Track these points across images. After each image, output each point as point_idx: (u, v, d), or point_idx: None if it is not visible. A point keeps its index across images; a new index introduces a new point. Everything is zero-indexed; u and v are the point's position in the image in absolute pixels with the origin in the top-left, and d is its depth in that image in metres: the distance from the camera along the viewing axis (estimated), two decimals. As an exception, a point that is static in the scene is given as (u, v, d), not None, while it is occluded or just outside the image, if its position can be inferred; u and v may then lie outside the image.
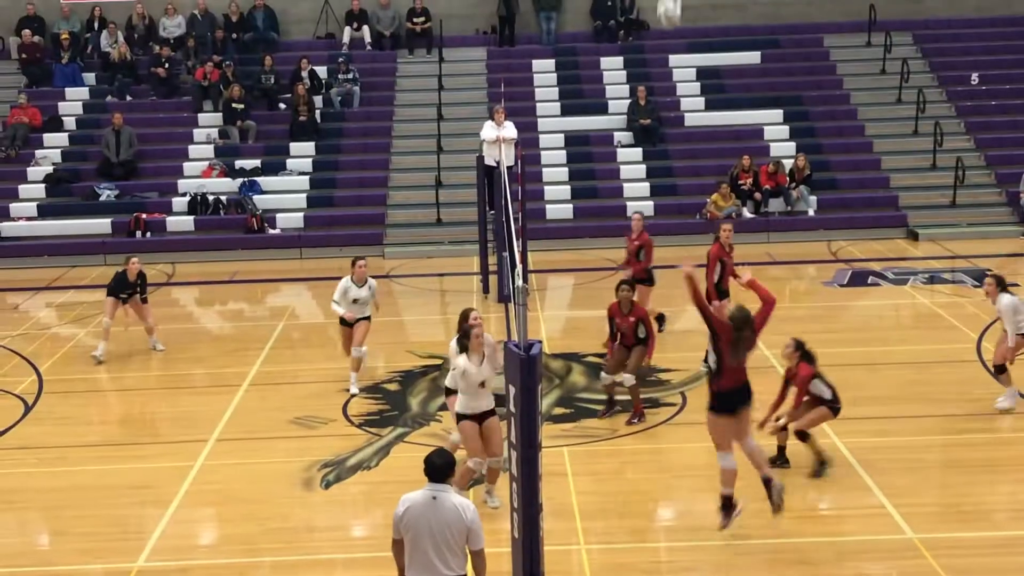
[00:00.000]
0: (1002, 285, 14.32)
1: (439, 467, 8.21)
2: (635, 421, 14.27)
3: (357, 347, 15.81)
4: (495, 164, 20.39)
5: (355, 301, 15.92)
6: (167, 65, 29.27)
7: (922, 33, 30.71)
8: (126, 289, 17.87)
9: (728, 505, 11.00)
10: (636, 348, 14.12)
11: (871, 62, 29.85)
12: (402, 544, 8.28)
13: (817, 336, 16.60)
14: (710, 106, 28.97)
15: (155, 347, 18.21)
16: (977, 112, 28.61)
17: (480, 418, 11.58)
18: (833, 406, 12.64)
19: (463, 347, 11.57)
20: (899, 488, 12.07)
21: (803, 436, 12.66)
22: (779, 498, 11.03)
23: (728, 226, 16.69)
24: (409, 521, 8.16)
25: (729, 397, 10.92)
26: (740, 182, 25.97)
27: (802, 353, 12.71)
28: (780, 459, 12.72)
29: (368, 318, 16.04)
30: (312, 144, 27.93)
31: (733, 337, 10.86)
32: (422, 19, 30.54)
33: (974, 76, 29.32)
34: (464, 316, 12.09)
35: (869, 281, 21.51)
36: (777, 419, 12.67)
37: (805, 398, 12.70)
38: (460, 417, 11.67)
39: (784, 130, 28.15)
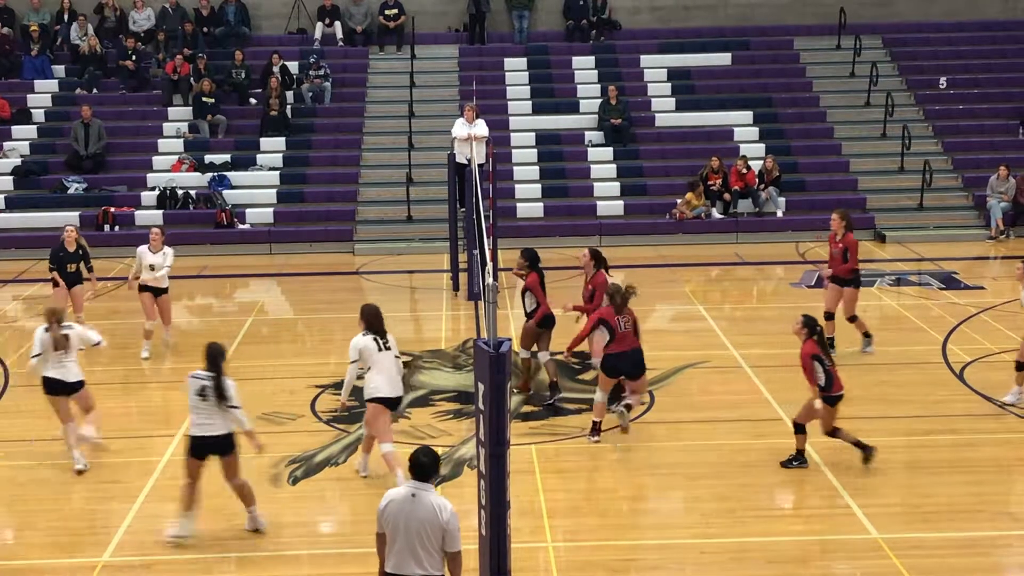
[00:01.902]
0: None
1: (424, 465, 8.25)
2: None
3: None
4: (466, 162, 20.40)
5: (151, 267, 17.08)
6: (135, 58, 29.13)
7: (892, 37, 30.91)
8: (67, 262, 17.53)
9: None
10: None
11: (841, 65, 30.04)
12: (384, 538, 8.31)
13: (784, 337, 16.71)
14: (681, 107, 29.07)
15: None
16: (945, 116, 28.83)
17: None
18: (827, 395, 12.48)
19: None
20: (864, 488, 12.16)
21: (832, 433, 12.65)
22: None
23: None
24: (389, 516, 8.20)
25: None
26: (710, 183, 26.07)
27: (809, 330, 12.43)
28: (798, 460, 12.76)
29: (166, 290, 17.44)
30: (283, 139, 27.87)
31: None
32: (394, 12, 30.50)
33: (942, 80, 29.55)
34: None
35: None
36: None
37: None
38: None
39: (754, 132, 28.28)
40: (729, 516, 11.62)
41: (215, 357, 11.25)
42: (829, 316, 16.64)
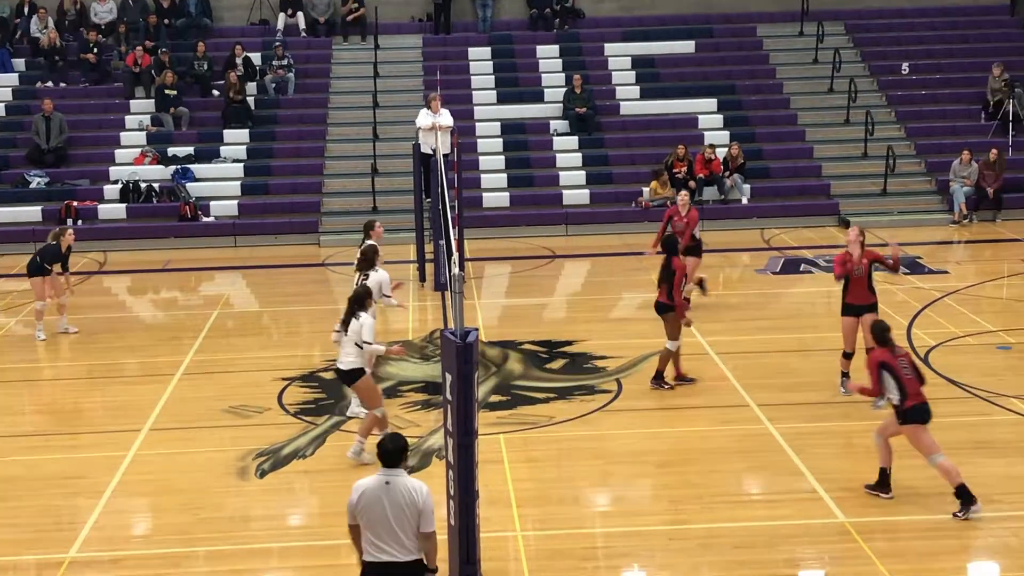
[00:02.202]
0: None
1: (391, 451, 8.23)
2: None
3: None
4: (431, 152, 20.36)
5: None
6: (96, 51, 28.90)
7: (854, 23, 31.03)
8: (57, 261, 17.90)
9: None
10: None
11: (803, 51, 30.15)
12: (359, 528, 8.29)
13: (750, 324, 16.84)
14: (645, 95, 29.10)
15: (67, 330, 18.24)
16: (908, 102, 28.98)
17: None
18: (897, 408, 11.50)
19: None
20: (831, 473, 12.22)
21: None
22: None
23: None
24: (364, 506, 8.18)
25: None
26: (675, 171, 26.11)
27: (877, 336, 11.75)
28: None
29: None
30: (246, 131, 27.73)
31: None
32: (356, 5, 30.40)
33: (905, 66, 29.68)
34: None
35: (801, 269, 21.73)
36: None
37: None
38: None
39: (718, 119, 28.34)
40: (697, 502, 11.66)
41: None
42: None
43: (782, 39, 30.67)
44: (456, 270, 8.90)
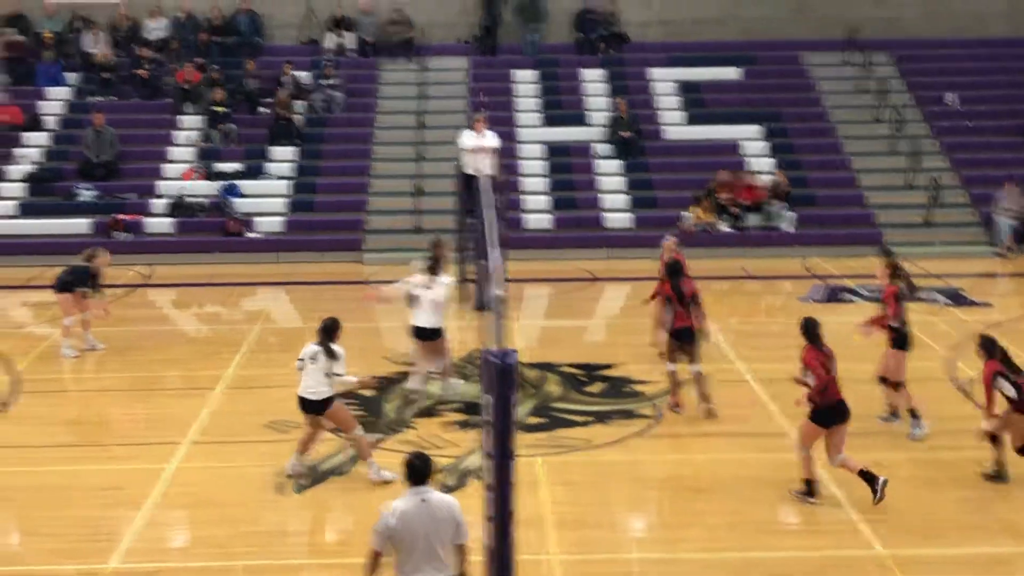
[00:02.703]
0: None
1: (421, 469, 8.30)
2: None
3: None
4: (475, 173, 20.44)
5: None
6: (149, 67, 29.23)
7: (900, 53, 30.95)
8: (83, 285, 17.85)
9: None
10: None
11: (850, 80, 30.09)
12: (380, 557, 8.30)
13: (791, 352, 16.72)
14: (690, 120, 29.13)
15: (94, 347, 18.19)
16: (953, 132, 28.84)
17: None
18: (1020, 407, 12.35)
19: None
20: (870, 503, 12.14)
21: (994, 438, 12.67)
22: None
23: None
24: (404, 529, 8.19)
25: None
26: (718, 196, 26.09)
27: (986, 349, 12.48)
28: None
29: None
30: (293, 149, 27.95)
31: None
32: (403, 27, 30.59)
33: (951, 96, 29.55)
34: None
35: (843, 298, 21.64)
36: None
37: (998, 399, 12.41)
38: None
39: (763, 146, 28.32)
40: (734, 531, 11.63)
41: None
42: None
43: (828, 68, 30.63)
44: (498, 291, 8.93)
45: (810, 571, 10.81)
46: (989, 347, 12.58)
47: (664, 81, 30.10)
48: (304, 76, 29.54)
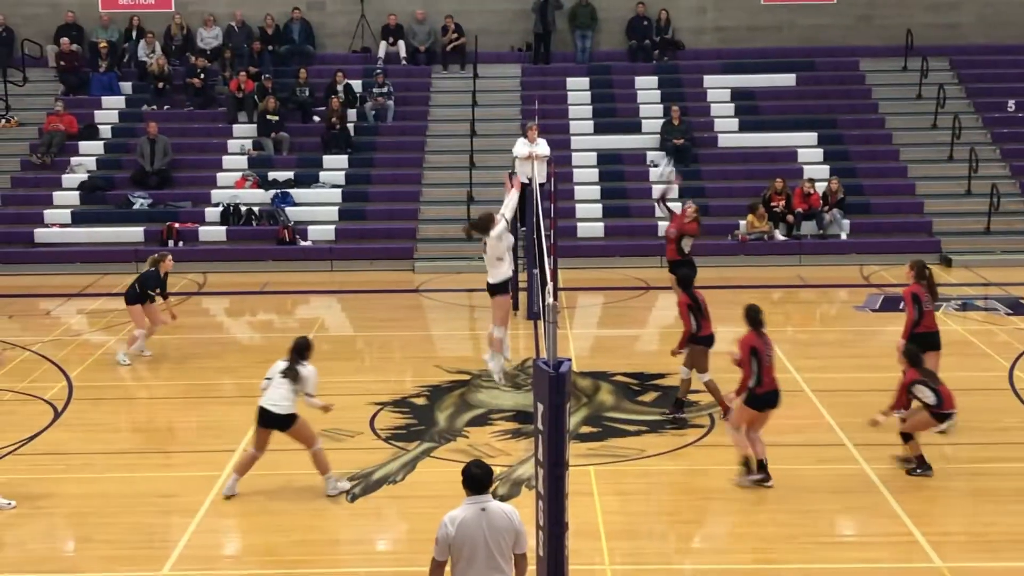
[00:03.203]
0: None
1: (480, 477, 8.25)
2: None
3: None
4: (527, 181, 20.37)
5: None
6: (202, 76, 29.44)
7: (959, 59, 30.60)
8: (157, 287, 17.89)
9: None
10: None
11: (907, 87, 29.78)
12: (443, 566, 8.29)
13: (847, 361, 16.59)
14: (744, 127, 28.93)
15: (142, 351, 18.23)
16: (1013, 139, 28.47)
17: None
18: (937, 412, 12.85)
19: None
20: (928, 516, 11.97)
21: (905, 437, 13.06)
22: None
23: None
24: (463, 537, 8.16)
25: None
26: (773, 204, 25.89)
27: (910, 360, 12.99)
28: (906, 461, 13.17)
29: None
30: (345, 157, 28.03)
31: None
32: (455, 36, 30.63)
33: (1011, 103, 29.20)
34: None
35: (901, 307, 21.30)
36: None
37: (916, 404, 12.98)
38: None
39: (818, 153, 28.07)
40: (790, 542, 11.48)
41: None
42: None
43: (885, 74, 30.32)
44: (550, 300, 8.86)
45: (868, 584, 10.65)
46: (913, 358, 12.97)
47: (718, 88, 29.91)
48: (356, 85, 29.61)
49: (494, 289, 16.23)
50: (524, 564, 8.40)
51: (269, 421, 12.57)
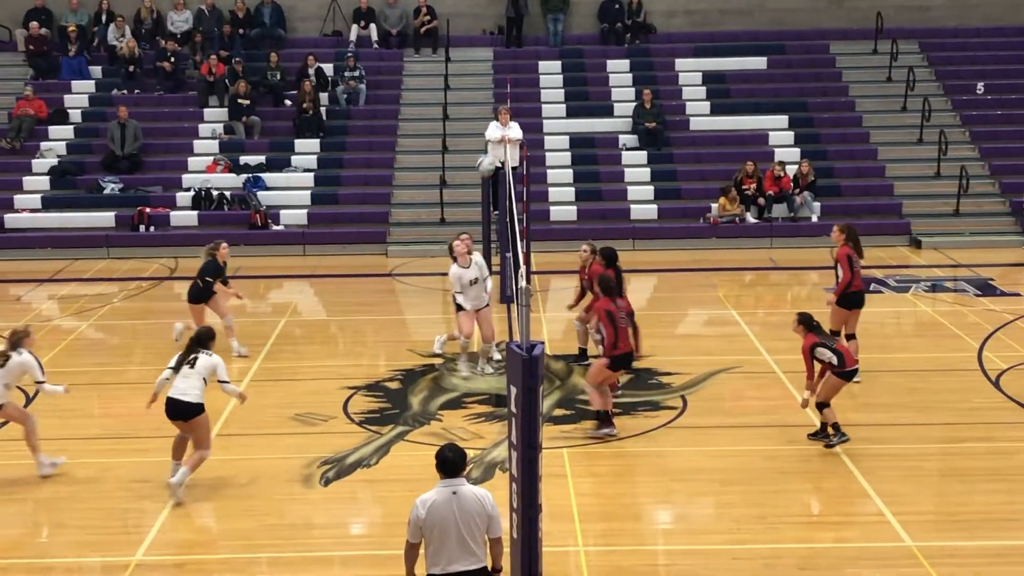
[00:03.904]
0: None
1: (453, 460, 8.27)
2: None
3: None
4: (500, 165, 20.38)
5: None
6: (173, 60, 29.29)
7: (929, 42, 30.75)
8: (219, 275, 17.23)
9: None
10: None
11: (877, 70, 29.91)
12: (417, 548, 8.33)
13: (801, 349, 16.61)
14: (715, 111, 29.00)
15: (240, 353, 17.31)
16: (982, 121, 28.63)
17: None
18: (841, 372, 13.05)
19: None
20: (898, 496, 12.07)
21: (820, 406, 13.29)
22: None
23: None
24: (434, 520, 8.19)
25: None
26: (744, 187, 25.98)
27: (806, 325, 13.28)
28: (823, 433, 13.44)
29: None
30: (317, 141, 27.96)
31: None
32: (427, 19, 30.57)
33: (980, 86, 29.36)
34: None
35: (871, 288, 21.44)
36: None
37: (819, 368, 13.25)
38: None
39: (789, 136, 28.17)
40: (761, 522, 11.56)
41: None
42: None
43: (855, 57, 30.44)
44: (523, 283, 8.88)
45: (838, 563, 10.73)
46: (808, 322, 13.28)
47: (690, 72, 29.96)
48: (328, 68, 29.52)
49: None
50: (499, 548, 8.44)
51: (176, 411, 12.29)
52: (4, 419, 13.13)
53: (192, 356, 12.36)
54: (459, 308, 16.32)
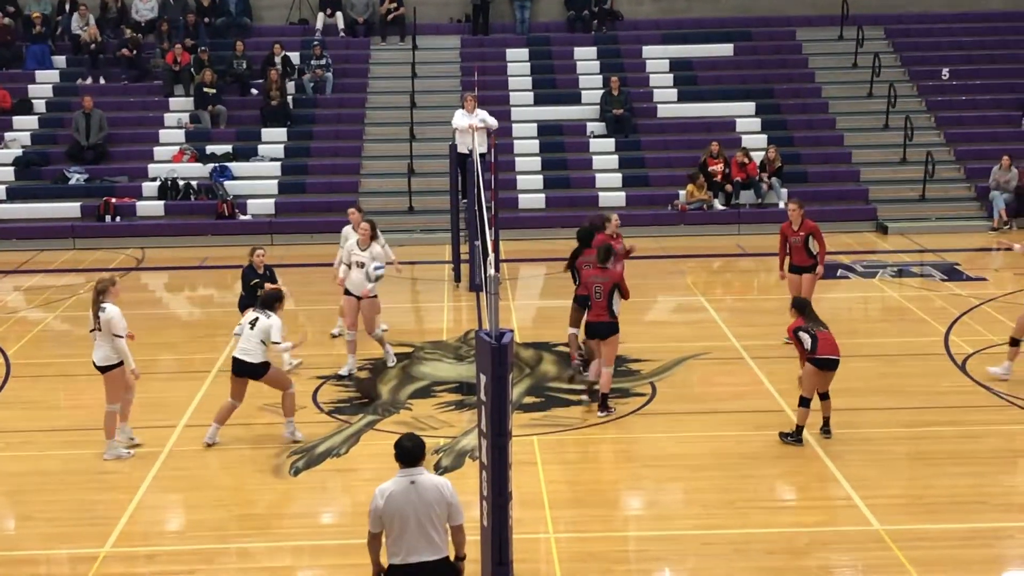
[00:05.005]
0: None
1: (411, 450, 8.21)
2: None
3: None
4: (467, 152, 20.36)
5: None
6: (135, 49, 29.08)
7: (894, 28, 30.89)
8: (256, 279, 16.27)
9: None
10: None
11: (843, 56, 30.02)
12: (379, 537, 8.29)
13: (785, 328, 16.71)
14: (682, 97, 29.03)
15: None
16: (947, 107, 28.79)
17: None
18: (812, 358, 12.99)
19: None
20: (866, 480, 12.15)
21: (801, 402, 13.22)
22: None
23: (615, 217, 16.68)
24: (393, 510, 8.13)
25: None
26: (709, 168, 26.04)
27: (797, 308, 13.39)
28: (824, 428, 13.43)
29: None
30: (284, 130, 27.84)
31: None
32: (394, 6, 30.49)
33: (945, 71, 29.51)
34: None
35: (838, 274, 21.59)
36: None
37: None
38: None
39: (756, 122, 28.25)
40: (730, 507, 11.61)
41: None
42: None
43: (821, 43, 30.54)
44: (492, 271, 8.88)
45: (806, 547, 10.79)
46: (799, 306, 13.43)
47: (657, 59, 29.99)
48: (294, 57, 29.40)
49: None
50: (461, 536, 8.40)
51: (245, 370, 13.19)
52: None
53: (255, 317, 13.26)
54: (346, 292, 16.15)
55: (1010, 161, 25.70)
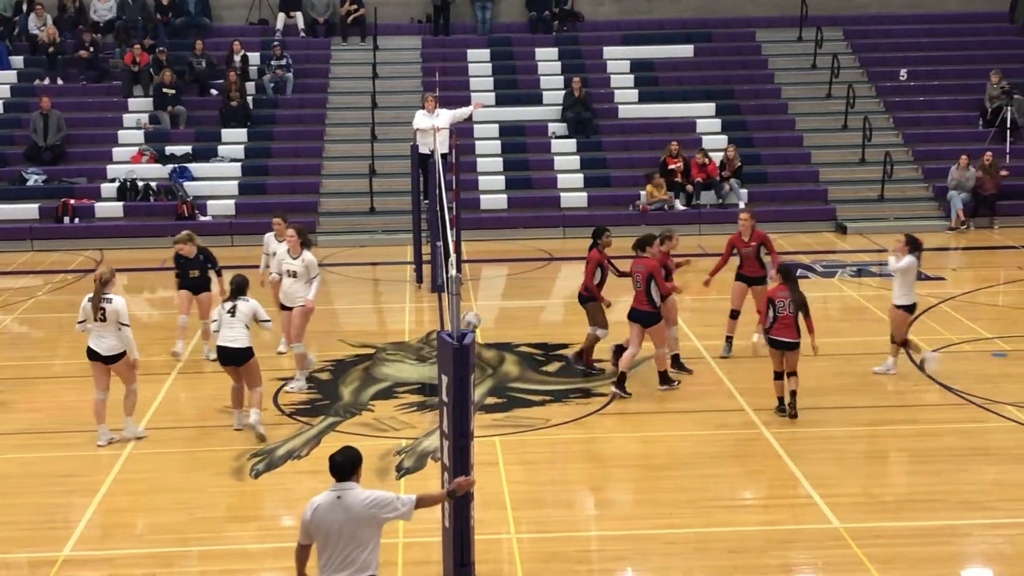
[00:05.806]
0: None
1: (340, 464, 7.98)
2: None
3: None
4: (429, 153, 20.35)
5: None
6: (92, 49, 28.87)
7: (853, 29, 31.10)
8: (192, 269, 16.70)
9: None
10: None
11: (802, 57, 30.19)
12: (307, 549, 8.08)
13: (746, 328, 16.80)
14: (643, 98, 29.12)
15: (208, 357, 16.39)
16: (906, 108, 29.01)
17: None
18: (766, 331, 14.08)
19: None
20: (826, 478, 12.22)
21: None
22: None
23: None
24: (318, 523, 7.91)
25: None
26: (669, 167, 26.13)
27: (783, 275, 14.19)
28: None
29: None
30: (244, 131, 27.72)
31: None
32: (354, 7, 30.42)
33: (903, 72, 29.74)
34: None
35: (798, 274, 21.63)
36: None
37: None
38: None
39: (716, 123, 28.37)
40: (692, 507, 11.66)
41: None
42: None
43: (781, 44, 30.71)
44: (453, 272, 8.88)
45: (767, 545, 10.85)
46: (785, 273, 14.18)
47: (618, 59, 30.06)
48: (254, 57, 29.28)
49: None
50: (430, 501, 8.32)
51: (229, 358, 13.48)
52: None
53: (232, 305, 13.45)
54: (282, 307, 15.96)
55: (968, 161, 25.92)
